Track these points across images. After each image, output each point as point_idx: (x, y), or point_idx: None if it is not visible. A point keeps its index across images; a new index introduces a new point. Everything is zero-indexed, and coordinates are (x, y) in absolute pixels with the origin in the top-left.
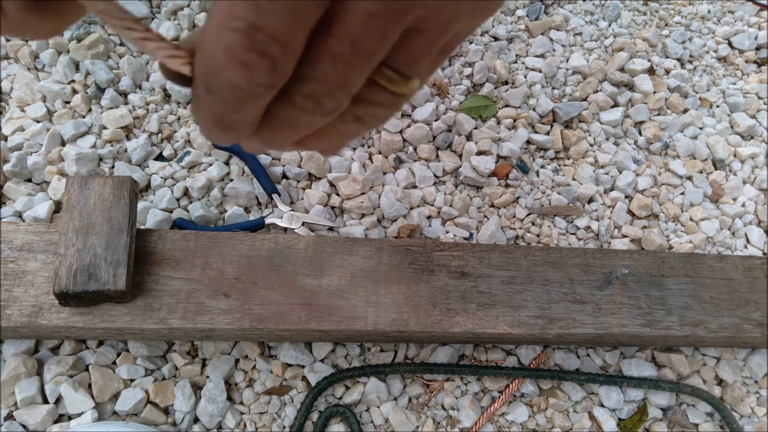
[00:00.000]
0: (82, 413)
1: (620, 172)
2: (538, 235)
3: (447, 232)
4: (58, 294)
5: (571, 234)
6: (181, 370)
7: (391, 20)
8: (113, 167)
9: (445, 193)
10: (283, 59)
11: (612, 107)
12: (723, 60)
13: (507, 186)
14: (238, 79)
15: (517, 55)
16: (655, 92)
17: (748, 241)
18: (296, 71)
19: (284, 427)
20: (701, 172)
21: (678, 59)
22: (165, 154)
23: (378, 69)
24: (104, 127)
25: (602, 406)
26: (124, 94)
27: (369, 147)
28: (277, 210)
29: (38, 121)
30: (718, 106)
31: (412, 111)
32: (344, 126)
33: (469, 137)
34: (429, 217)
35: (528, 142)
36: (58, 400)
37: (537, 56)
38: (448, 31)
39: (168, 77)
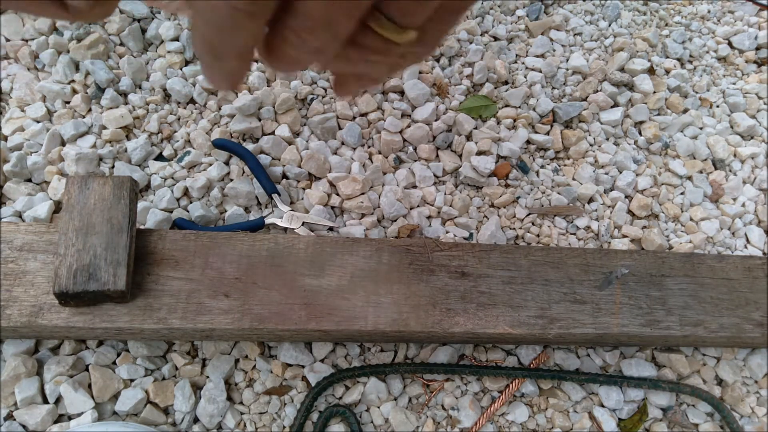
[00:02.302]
0: (82, 413)
1: (620, 172)
2: (538, 235)
3: (447, 232)
4: (58, 294)
5: (571, 234)
6: (181, 370)
7: None
8: (113, 167)
9: (445, 193)
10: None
11: (612, 107)
12: (723, 60)
13: (507, 186)
14: (220, 3)
15: (517, 55)
16: (655, 92)
17: (748, 241)
18: (288, 3)
19: (284, 427)
20: (701, 172)
21: (678, 59)
22: (165, 154)
23: (372, 13)
24: (104, 127)
25: (602, 406)
26: (124, 94)
27: (369, 147)
28: (277, 210)
29: (38, 121)
30: (718, 106)
31: (412, 111)
32: (348, 66)
33: (469, 137)
34: (429, 217)
35: (528, 142)
36: (58, 400)
37: (537, 56)
38: None
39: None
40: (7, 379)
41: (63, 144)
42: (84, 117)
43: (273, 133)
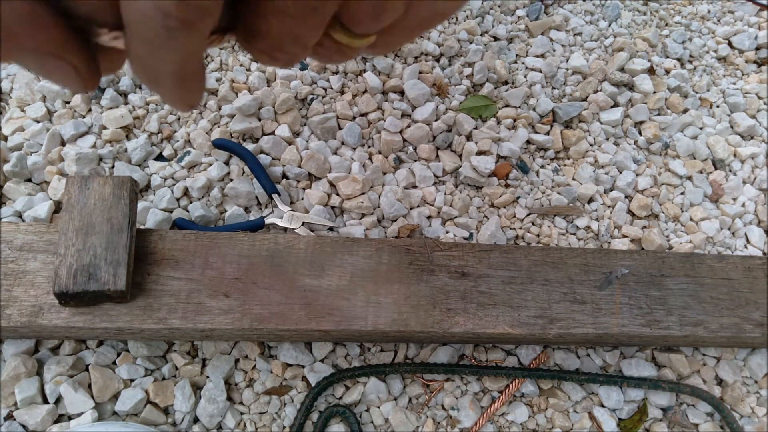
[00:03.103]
0: (82, 413)
1: (620, 172)
2: (538, 235)
3: (447, 232)
4: (58, 294)
5: (571, 234)
6: (181, 370)
7: None
8: (113, 167)
9: (445, 193)
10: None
11: (612, 107)
12: (723, 60)
13: (507, 186)
14: (147, 9)
15: (517, 55)
16: (655, 92)
17: (748, 241)
18: (249, 26)
19: (284, 427)
20: (701, 172)
21: (678, 59)
22: (165, 154)
23: (331, 23)
24: (104, 127)
25: (602, 406)
26: (124, 94)
27: (369, 147)
28: (277, 210)
29: (38, 121)
30: (718, 106)
31: (412, 111)
32: (315, 58)
33: (469, 137)
34: (429, 217)
35: (528, 142)
36: (58, 400)
37: (537, 56)
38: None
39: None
40: (7, 379)
41: (63, 144)
42: (84, 117)
43: (273, 133)
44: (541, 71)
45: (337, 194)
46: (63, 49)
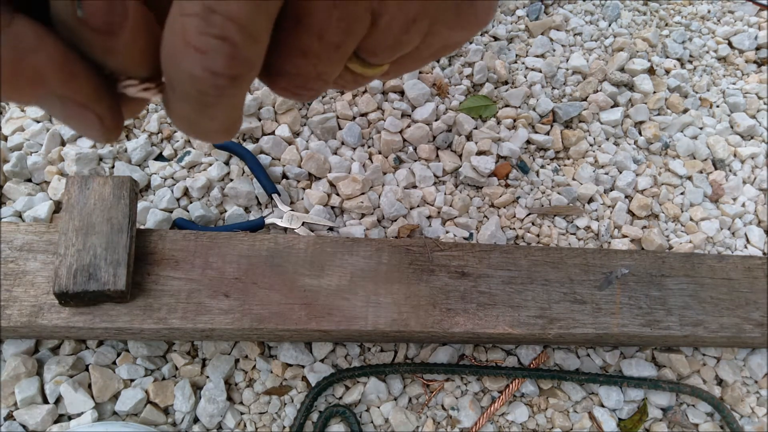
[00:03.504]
0: (82, 413)
1: (620, 172)
2: (538, 235)
3: (447, 232)
4: (58, 294)
5: (571, 234)
6: (181, 370)
7: (351, 13)
8: (113, 167)
9: (445, 193)
10: (245, 44)
11: (612, 107)
12: (723, 60)
13: (507, 186)
14: (195, 68)
15: (517, 55)
16: (655, 92)
17: (748, 241)
18: (273, 66)
19: (284, 427)
20: (701, 172)
21: (678, 59)
22: (165, 154)
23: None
24: None
25: (602, 406)
26: None
27: (369, 147)
28: (277, 210)
29: (38, 121)
30: (718, 106)
31: (412, 111)
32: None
33: (469, 137)
34: (429, 217)
35: (528, 142)
36: (58, 400)
37: (537, 56)
38: (411, 30)
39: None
40: (7, 379)
41: (63, 144)
42: None
43: (273, 133)
44: (541, 71)
45: (337, 194)
46: (90, 99)
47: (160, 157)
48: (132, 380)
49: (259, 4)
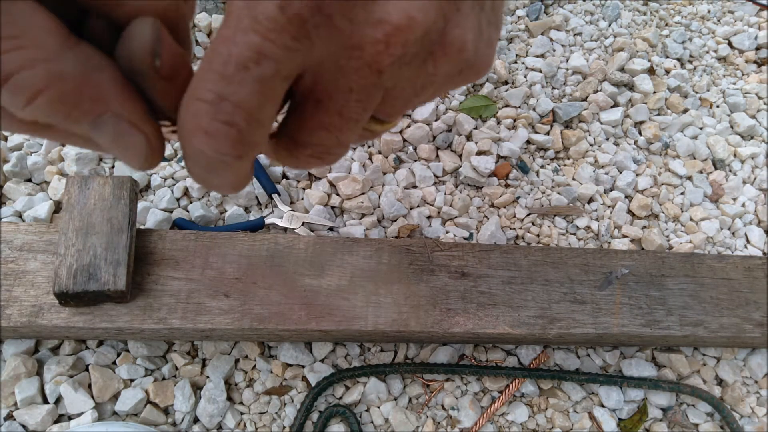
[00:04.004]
0: (82, 413)
1: (620, 172)
2: (538, 235)
3: (447, 232)
4: (58, 294)
5: (571, 234)
6: (181, 370)
7: (368, 93)
8: (113, 167)
9: (445, 193)
10: (251, 129)
11: (612, 107)
12: (723, 60)
13: (507, 186)
14: (205, 148)
15: (517, 55)
16: (655, 92)
17: (748, 241)
18: (297, 138)
19: (284, 427)
20: (701, 172)
21: (678, 59)
22: (165, 154)
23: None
24: None
25: (602, 406)
26: None
27: (369, 147)
28: (277, 210)
29: None
30: (718, 106)
31: (412, 111)
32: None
33: (469, 137)
34: (429, 217)
35: (528, 142)
36: (58, 400)
37: (537, 56)
38: (421, 94)
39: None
40: (7, 379)
41: (63, 144)
42: None
43: None
44: (541, 71)
45: (337, 194)
46: (142, 120)
47: None
48: (132, 380)
49: (266, 93)
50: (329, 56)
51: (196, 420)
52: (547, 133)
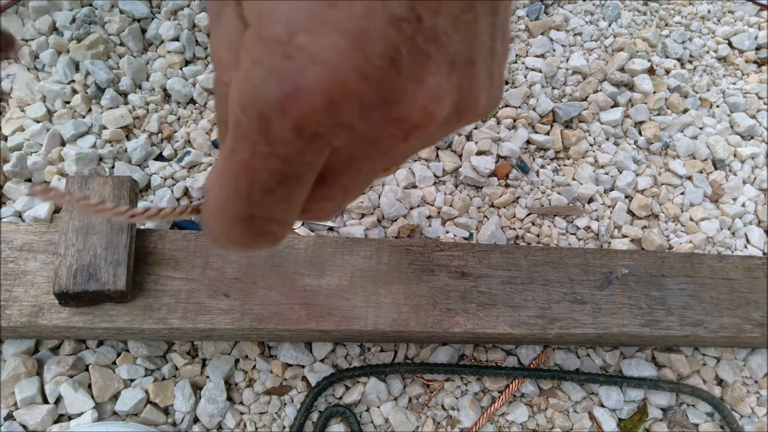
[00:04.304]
0: (82, 413)
1: (620, 172)
2: (538, 235)
3: (447, 232)
4: (58, 294)
5: (571, 234)
6: (181, 370)
7: (376, 171)
8: (113, 167)
9: (445, 193)
10: (282, 233)
11: (612, 107)
12: (723, 60)
13: (507, 186)
14: (237, 248)
15: (517, 55)
16: (655, 92)
17: (748, 241)
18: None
19: (284, 427)
20: (701, 172)
21: (678, 59)
22: (165, 154)
23: None
24: (104, 127)
25: (602, 406)
26: (124, 94)
27: None
28: None
29: (38, 121)
30: (718, 106)
31: None
32: None
33: (469, 137)
34: (429, 217)
35: (528, 142)
36: (58, 400)
37: (537, 56)
38: (414, 152)
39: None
40: (7, 379)
41: (63, 144)
42: (84, 117)
43: None
44: (541, 71)
45: None
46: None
47: (160, 157)
48: (132, 380)
49: (292, 201)
50: (343, 147)
51: (196, 420)
52: (547, 133)
